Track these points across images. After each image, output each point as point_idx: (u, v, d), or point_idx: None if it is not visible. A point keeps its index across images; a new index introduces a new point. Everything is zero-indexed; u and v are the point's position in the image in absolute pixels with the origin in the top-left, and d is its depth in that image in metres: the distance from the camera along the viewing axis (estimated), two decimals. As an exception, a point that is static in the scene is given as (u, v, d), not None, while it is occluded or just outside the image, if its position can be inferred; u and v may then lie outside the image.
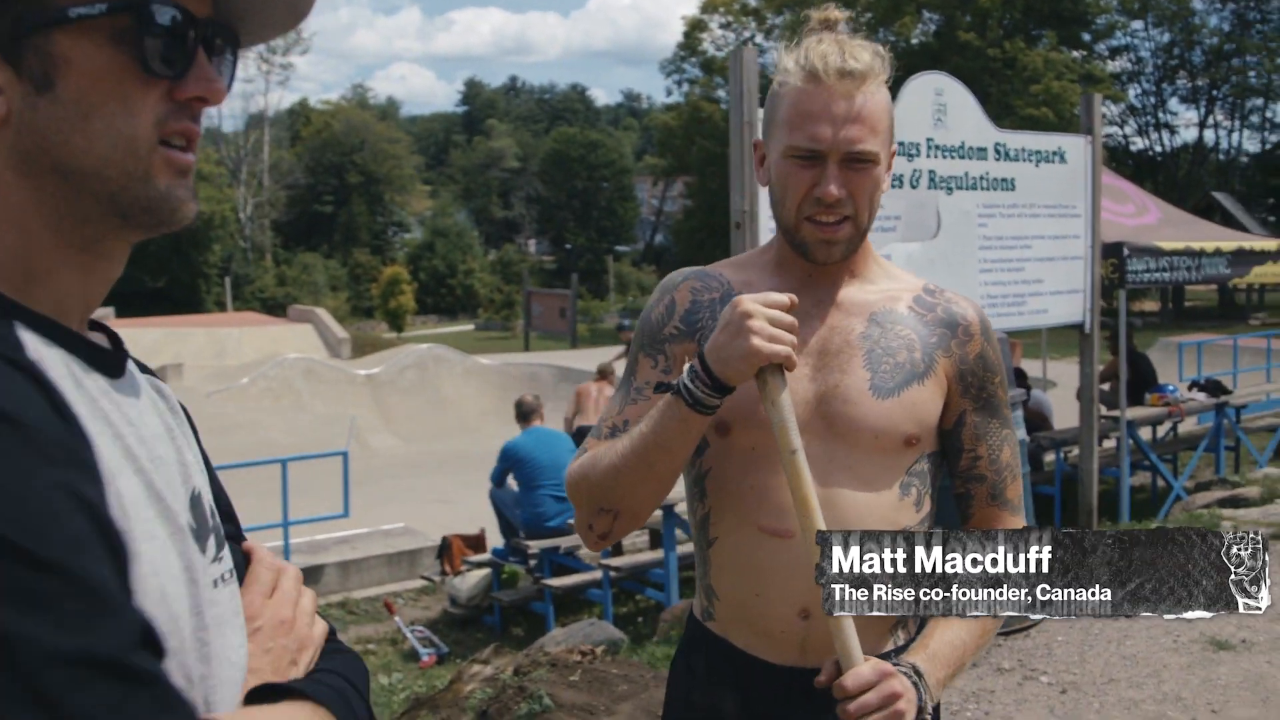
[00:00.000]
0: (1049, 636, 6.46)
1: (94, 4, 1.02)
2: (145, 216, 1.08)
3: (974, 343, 2.14)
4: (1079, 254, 8.37)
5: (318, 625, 1.31)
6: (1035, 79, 43.16)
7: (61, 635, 0.84)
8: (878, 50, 2.04)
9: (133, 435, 1.06)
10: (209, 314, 47.67)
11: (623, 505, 2.04)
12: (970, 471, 2.15)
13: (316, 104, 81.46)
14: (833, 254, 2.04)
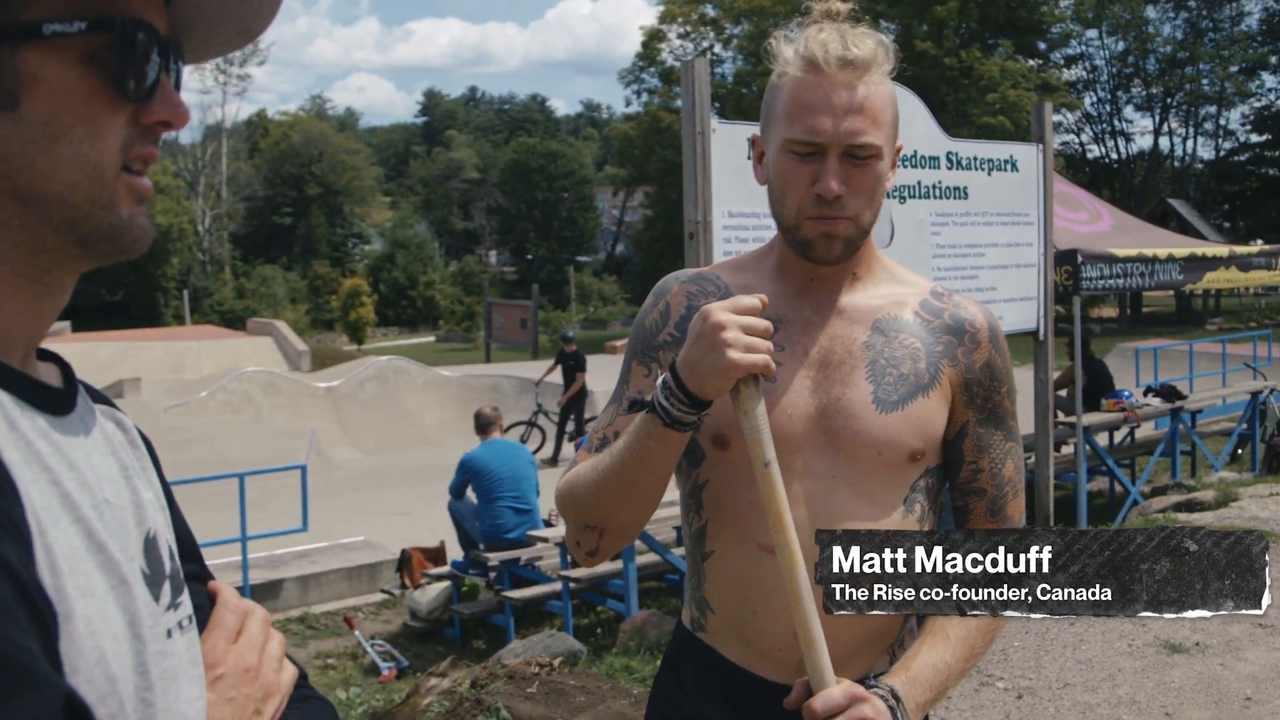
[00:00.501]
0: (1005, 642, 6.50)
1: (72, 22, 0.97)
2: (106, 245, 1.03)
3: (981, 350, 2.05)
4: (1032, 261, 8.43)
5: (286, 671, 1.24)
6: (992, 88, 43.49)
7: None
8: (881, 40, 1.94)
9: (73, 480, 0.99)
10: (167, 327, 47.31)
11: (608, 523, 1.96)
12: (970, 484, 2.06)
13: (274, 115, 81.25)
14: (833, 251, 1.93)
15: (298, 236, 69.57)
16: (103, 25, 0.98)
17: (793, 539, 1.71)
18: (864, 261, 2.04)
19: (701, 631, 2.09)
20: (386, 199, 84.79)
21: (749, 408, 1.74)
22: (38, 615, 0.86)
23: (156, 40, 1.03)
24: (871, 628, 1.99)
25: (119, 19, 1.00)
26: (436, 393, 25.19)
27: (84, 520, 0.97)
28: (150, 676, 1.01)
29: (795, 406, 1.95)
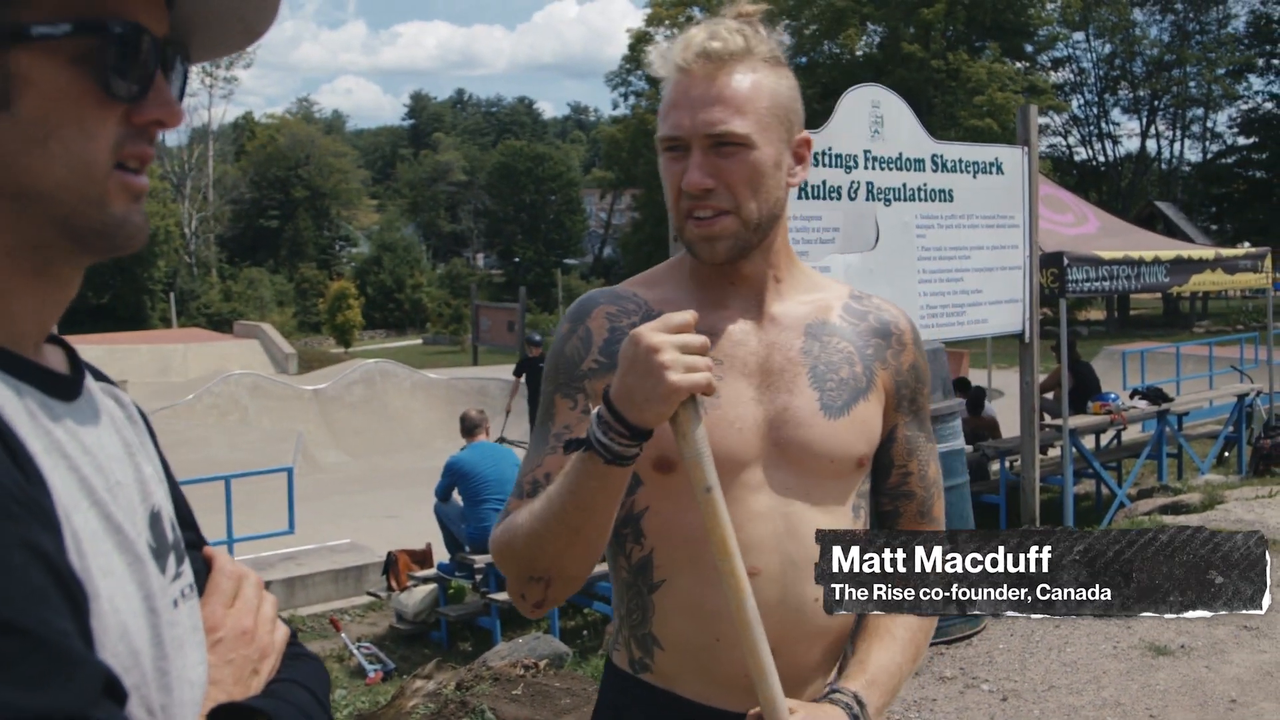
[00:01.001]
0: (990, 644, 6.51)
1: (58, 24, 0.99)
2: (99, 241, 1.05)
3: (907, 352, 2.04)
4: (1017, 264, 8.45)
5: (279, 631, 1.29)
6: (979, 90, 43.60)
7: (22, 695, 0.83)
8: (758, 31, 1.88)
9: (89, 465, 1.03)
10: (154, 330, 47.21)
11: (553, 573, 1.84)
12: (900, 488, 2.04)
13: (261, 118, 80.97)
14: (716, 252, 1.87)
15: (284, 239, 69.43)
16: (89, 27, 1.00)
17: (739, 566, 1.64)
18: (783, 265, 1.98)
19: (646, 672, 1.97)
20: (373, 202, 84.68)
21: (687, 430, 1.65)
22: (71, 598, 0.91)
23: (149, 41, 1.04)
24: (832, 643, 1.95)
25: (107, 21, 1.01)
26: (424, 395, 25.16)
27: (101, 503, 1.01)
28: (165, 646, 1.06)
29: (743, 419, 1.89)
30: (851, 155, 7.13)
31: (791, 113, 1.90)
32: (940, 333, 7.78)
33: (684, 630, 1.91)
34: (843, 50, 48.78)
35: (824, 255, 6.94)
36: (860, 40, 48.77)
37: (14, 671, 0.83)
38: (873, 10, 46.94)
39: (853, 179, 7.15)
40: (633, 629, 1.98)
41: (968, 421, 12.77)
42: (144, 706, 1.02)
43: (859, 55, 48.50)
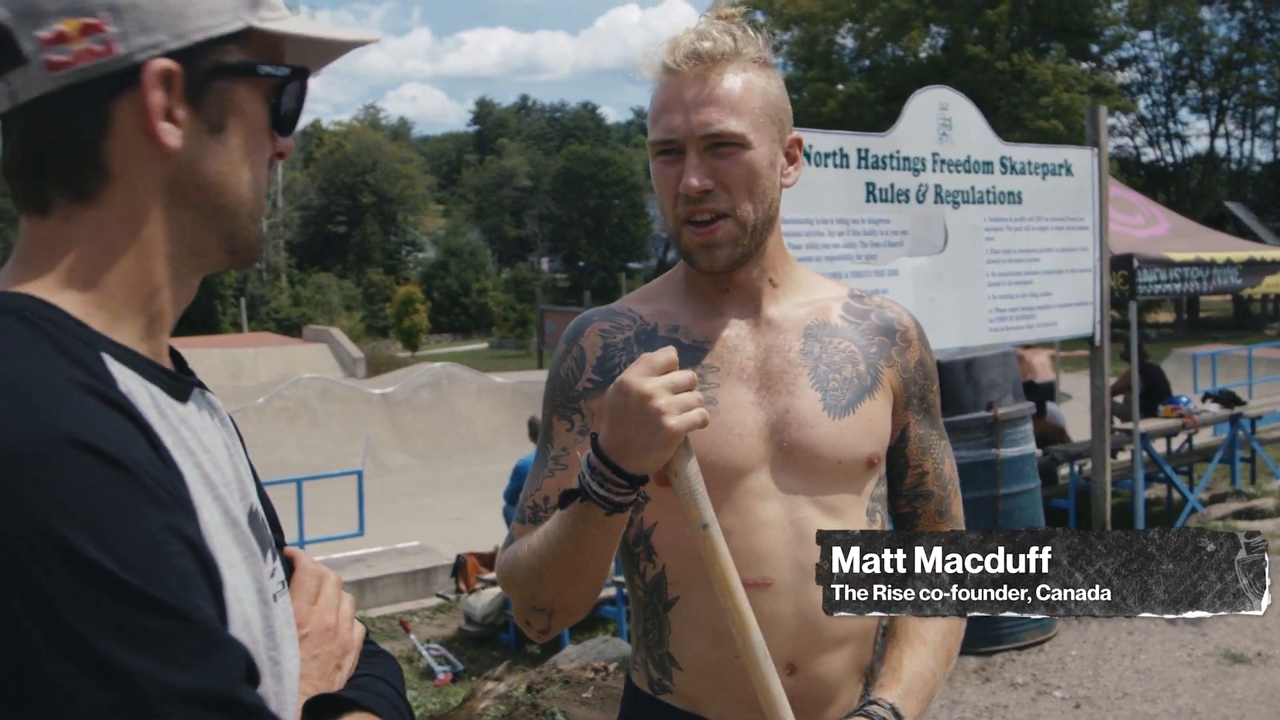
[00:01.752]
0: (1063, 650, 6.46)
1: (279, 66, 1.15)
2: (246, 253, 1.19)
3: (913, 349, 2.00)
4: (1087, 266, 8.37)
5: (356, 629, 1.35)
6: (1044, 91, 43.12)
7: (177, 673, 0.90)
8: (745, 32, 1.88)
9: (209, 462, 1.10)
10: (225, 335, 47.76)
11: (554, 606, 1.84)
12: (917, 489, 2.01)
13: (329, 125, 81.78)
14: (716, 259, 1.85)
15: (352, 244, 70.05)
16: (300, 73, 1.16)
17: (743, 602, 1.63)
18: (778, 269, 1.97)
19: (666, 694, 1.94)
20: (439, 207, 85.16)
21: (678, 468, 1.62)
22: (213, 585, 0.99)
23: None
24: (855, 652, 1.92)
25: (303, 69, 1.17)
26: (490, 399, 25.29)
27: (220, 499, 1.09)
28: (276, 637, 1.13)
29: (743, 425, 1.87)
30: (919, 158, 7.10)
31: (783, 112, 1.90)
32: (1009, 336, 7.73)
33: (701, 648, 1.88)
34: (906, 53, 48.47)
35: (892, 258, 6.92)
36: (923, 42, 48.41)
37: (169, 651, 0.90)
38: (936, 12, 46.56)
39: (920, 182, 7.12)
40: (650, 649, 1.95)
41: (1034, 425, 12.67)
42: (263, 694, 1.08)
43: (922, 57, 48.16)
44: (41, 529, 0.88)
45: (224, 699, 0.93)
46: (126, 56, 1.06)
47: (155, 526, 0.94)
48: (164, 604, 0.91)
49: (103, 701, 0.88)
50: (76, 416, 0.94)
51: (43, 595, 0.88)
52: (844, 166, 6.73)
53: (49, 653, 0.87)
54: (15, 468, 0.90)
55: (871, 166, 6.86)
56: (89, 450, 0.93)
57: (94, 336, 1.05)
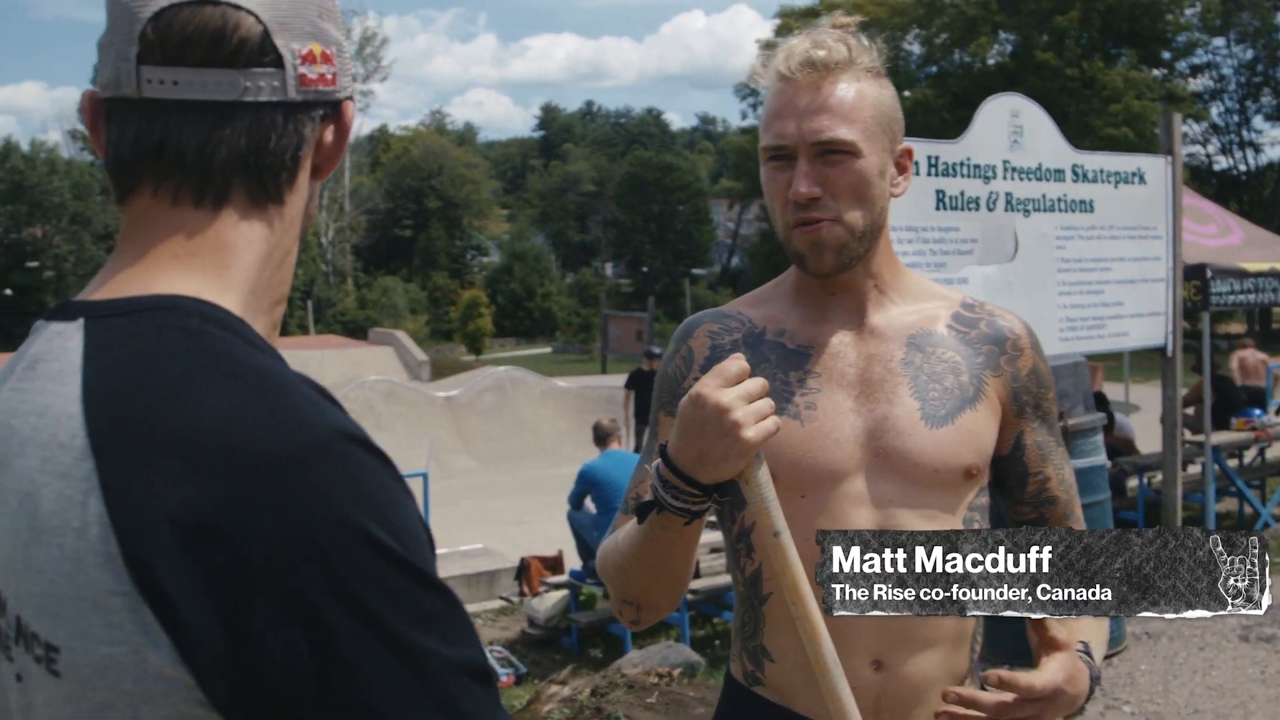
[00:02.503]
0: (1132, 665, 6.39)
1: (347, 88, 1.20)
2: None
3: (1025, 357, 1.99)
4: (1160, 276, 8.29)
5: None
6: (1115, 98, 42.69)
7: (453, 649, 0.98)
8: (859, 41, 1.90)
9: None
10: (292, 337, 48.24)
11: (641, 600, 1.90)
12: (1041, 494, 2.01)
13: (396, 130, 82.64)
14: (824, 260, 1.88)
15: (418, 248, 70.65)
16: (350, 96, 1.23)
17: (813, 609, 1.62)
18: (886, 274, 1.98)
19: (758, 685, 1.98)
20: (504, 211, 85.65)
21: (750, 476, 1.63)
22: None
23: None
24: (945, 656, 1.91)
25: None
26: (553, 403, 25.37)
27: None
28: None
29: (841, 430, 1.89)
30: (990, 165, 7.06)
31: (894, 122, 1.92)
32: (1080, 346, 7.66)
33: (792, 643, 1.87)
34: (974, 59, 48.15)
35: (962, 267, 6.88)
36: (992, 48, 48.05)
37: (444, 628, 0.98)
38: (1005, 18, 46.22)
39: (991, 189, 7.08)
40: (745, 640, 1.99)
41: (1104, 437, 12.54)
42: None
43: (990, 64, 47.81)
44: (340, 518, 0.93)
45: (484, 670, 1.00)
46: (339, 90, 1.17)
47: (415, 513, 1.01)
48: (439, 584, 0.99)
49: (403, 679, 0.94)
50: (331, 411, 1.00)
51: (343, 581, 0.92)
52: (914, 173, 6.68)
53: (353, 636, 0.92)
54: (301, 461, 0.94)
55: (941, 174, 6.83)
56: (357, 442, 0.98)
57: (264, 343, 1.08)
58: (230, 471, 0.92)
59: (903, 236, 6.63)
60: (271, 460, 0.93)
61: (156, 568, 0.91)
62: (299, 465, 0.93)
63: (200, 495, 0.91)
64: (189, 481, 0.91)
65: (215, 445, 0.93)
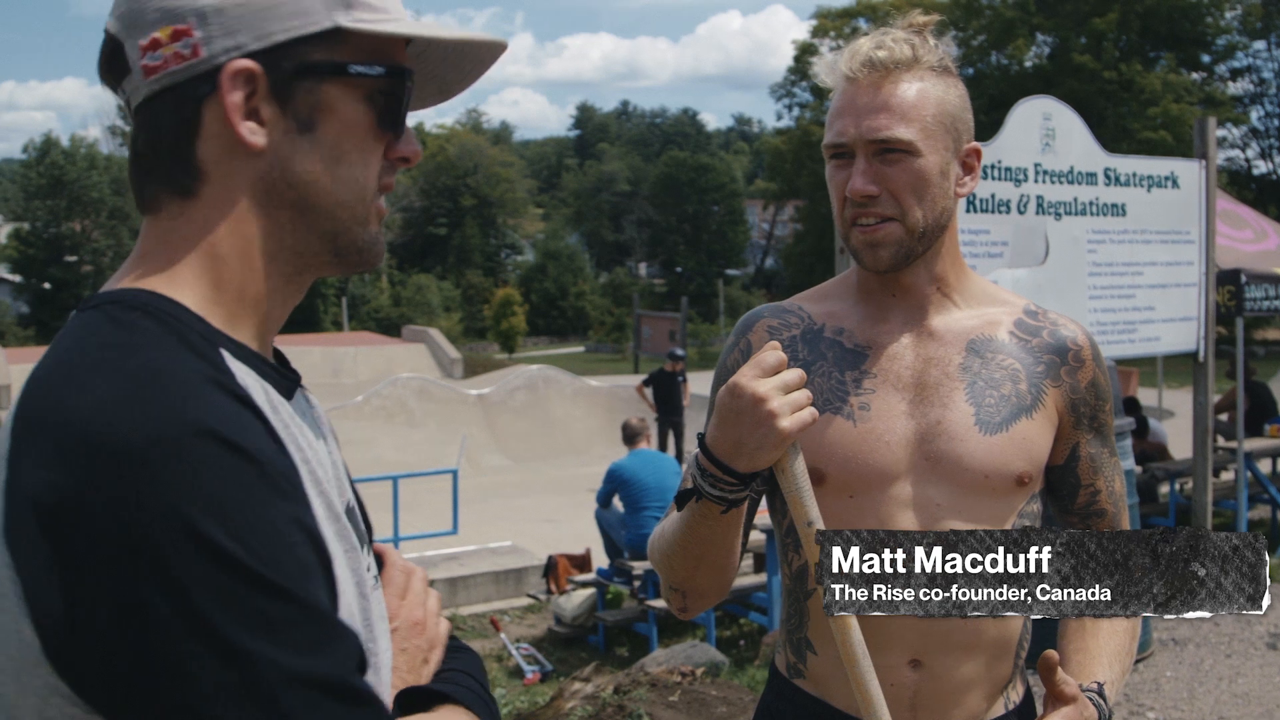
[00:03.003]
0: (1157, 671, 6.36)
1: (373, 65, 1.15)
2: (355, 256, 1.20)
3: (1086, 369, 1.99)
4: (1193, 281, 8.24)
5: (442, 624, 1.38)
6: (1153, 102, 42.35)
7: (296, 657, 0.95)
8: (925, 41, 1.89)
9: (314, 458, 1.14)
10: (326, 333, 48.49)
11: (686, 588, 1.93)
12: (1090, 507, 2.02)
13: (432, 129, 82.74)
14: (880, 258, 1.87)
15: (452, 246, 70.83)
16: (393, 72, 1.16)
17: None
18: (950, 275, 1.98)
19: (799, 678, 2.00)
20: (539, 210, 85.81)
21: (786, 465, 1.65)
22: (328, 575, 1.04)
23: (411, 87, 1.20)
24: (988, 659, 1.92)
25: (403, 68, 1.18)
26: (585, 402, 25.40)
27: (324, 493, 1.12)
28: (373, 629, 1.17)
29: (893, 433, 1.89)
30: (1021, 168, 7.04)
31: (959, 121, 1.90)
32: (1111, 350, 7.62)
33: (833, 637, 1.89)
34: (1011, 61, 47.89)
35: (992, 270, 6.86)
36: (1029, 51, 47.77)
37: (290, 636, 0.96)
38: (1042, 20, 45.94)
39: (1022, 192, 7.06)
40: (790, 633, 2.02)
41: (1135, 443, 12.46)
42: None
43: (1028, 66, 47.53)
44: (174, 514, 0.93)
45: (339, 685, 0.98)
46: (209, 59, 1.11)
47: (279, 516, 0.99)
48: (287, 591, 0.96)
49: (225, 681, 0.92)
50: (205, 407, 0.99)
51: (174, 577, 0.92)
52: (944, 176, 6.69)
53: (178, 632, 0.92)
54: (149, 455, 0.94)
55: (972, 176, 6.81)
56: (218, 440, 0.97)
57: (213, 333, 1.10)
58: (86, 459, 0.94)
59: (932, 239, 6.62)
60: (122, 451, 0.94)
61: (21, 545, 0.95)
62: (145, 458, 0.94)
63: (59, 479, 0.94)
64: (53, 466, 0.95)
65: (81, 433, 0.96)
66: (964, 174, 1.93)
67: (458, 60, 1.27)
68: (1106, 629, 1.93)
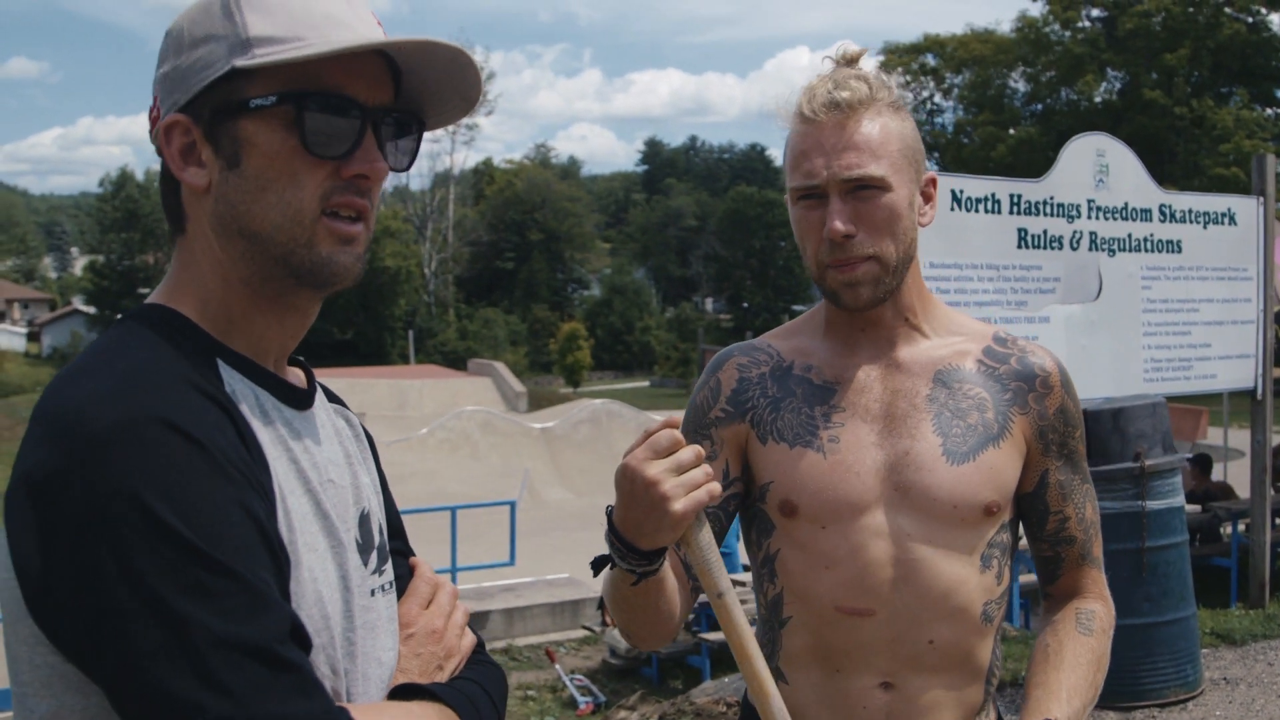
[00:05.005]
0: (1206, 710, 6.29)
1: (267, 95, 1.24)
2: (311, 277, 1.27)
3: (1053, 396, 1.98)
4: (1250, 318, 8.17)
5: (466, 638, 1.46)
6: (1225, 138, 41.90)
7: (225, 623, 1.07)
8: (878, 78, 1.92)
9: (307, 461, 1.28)
10: (393, 366, 48.95)
11: (631, 632, 1.95)
12: (1059, 534, 2.01)
13: (500, 163, 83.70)
14: (860, 296, 1.89)
15: (519, 280, 71.35)
16: (289, 98, 1.24)
17: (761, 669, 1.66)
18: (917, 309, 2.00)
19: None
20: (606, 245, 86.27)
21: (691, 540, 1.64)
22: (275, 558, 1.16)
23: (356, 109, 1.26)
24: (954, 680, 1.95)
25: (307, 93, 1.24)
26: (648, 437, 25.43)
27: (313, 492, 1.26)
28: (355, 622, 1.29)
29: (863, 464, 1.91)
30: (1074, 205, 7.04)
31: (918, 153, 1.94)
32: (1165, 388, 7.58)
33: (807, 665, 1.97)
34: (1080, 97, 47.60)
35: (1044, 305, 6.87)
36: (1099, 86, 47.45)
37: (218, 603, 1.08)
38: (1112, 56, 45.66)
39: (1075, 229, 7.06)
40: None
41: (1199, 482, 12.32)
42: (329, 663, 1.24)
43: (1097, 101, 47.22)
44: (127, 491, 1.07)
45: (264, 651, 1.08)
46: (162, 118, 1.28)
47: (223, 498, 1.11)
48: (221, 564, 1.08)
49: (159, 638, 1.05)
50: (170, 403, 1.13)
51: (122, 545, 1.06)
52: (995, 212, 6.71)
53: (123, 594, 1.06)
54: (111, 438, 1.09)
55: (1024, 212, 6.83)
56: (173, 429, 1.11)
57: (211, 343, 1.26)
58: (67, 442, 1.10)
59: (983, 274, 6.65)
60: (93, 435, 1.09)
61: (13, 514, 1.11)
62: (108, 441, 1.09)
63: (46, 459, 1.10)
64: (43, 447, 1.11)
65: (68, 420, 1.11)
66: (924, 204, 1.97)
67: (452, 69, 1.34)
68: (1070, 662, 1.92)
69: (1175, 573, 6.41)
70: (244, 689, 1.06)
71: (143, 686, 1.06)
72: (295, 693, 1.10)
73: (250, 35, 1.23)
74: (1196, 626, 6.57)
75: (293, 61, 1.23)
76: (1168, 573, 6.37)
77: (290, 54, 1.22)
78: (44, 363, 61.20)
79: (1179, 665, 6.35)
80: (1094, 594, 2.03)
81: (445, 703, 1.33)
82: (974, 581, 1.92)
